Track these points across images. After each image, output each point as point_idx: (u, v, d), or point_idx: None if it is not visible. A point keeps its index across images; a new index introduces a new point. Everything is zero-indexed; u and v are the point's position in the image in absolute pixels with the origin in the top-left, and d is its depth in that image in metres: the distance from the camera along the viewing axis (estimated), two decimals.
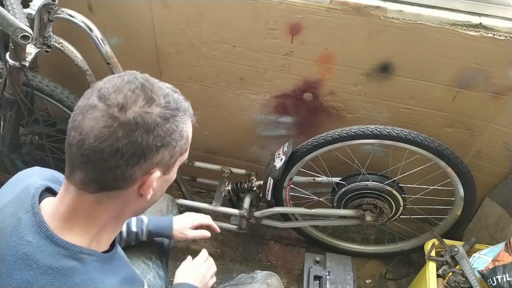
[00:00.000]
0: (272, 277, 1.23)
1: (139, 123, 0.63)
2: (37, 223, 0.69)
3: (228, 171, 1.75)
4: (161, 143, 0.66)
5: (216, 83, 1.57)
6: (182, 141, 0.70)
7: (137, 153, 0.64)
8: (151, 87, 0.67)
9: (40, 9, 1.18)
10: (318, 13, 1.28)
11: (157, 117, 0.65)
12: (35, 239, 0.67)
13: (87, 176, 0.65)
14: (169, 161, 0.70)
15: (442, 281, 1.38)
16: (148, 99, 0.65)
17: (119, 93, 0.64)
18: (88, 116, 0.63)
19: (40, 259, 0.66)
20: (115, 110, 0.63)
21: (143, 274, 1.13)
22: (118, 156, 0.63)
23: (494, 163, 1.54)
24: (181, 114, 0.69)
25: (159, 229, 1.17)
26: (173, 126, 0.67)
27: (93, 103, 0.64)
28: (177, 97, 0.71)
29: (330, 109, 1.55)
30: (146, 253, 1.17)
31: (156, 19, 1.42)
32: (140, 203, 0.73)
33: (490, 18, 1.23)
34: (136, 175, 0.66)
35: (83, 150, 0.63)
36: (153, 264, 1.16)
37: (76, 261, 0.67)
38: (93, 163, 0.64)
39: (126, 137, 0.63)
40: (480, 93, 1.36)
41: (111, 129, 0.62)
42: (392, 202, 1.53)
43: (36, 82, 1.38)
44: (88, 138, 0.63)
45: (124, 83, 0.66)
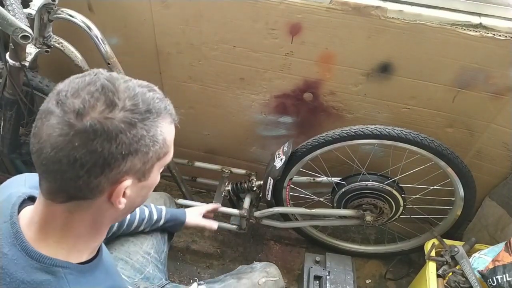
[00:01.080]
0: (271, 267, 1.26)
1: (97, 130, 0.57)
2: (14, 234, 0.65)
3: (228, 171, 1.75)
4: (127, 151, 0.60)
5: (216, 83, 1.57)
6: (157, 145, 0.64)
7: (99, 163, 0.59)
8: (114, 88, 0.60)
9: (40, 9, 1.18)
10: (318, 13, 1.28)
11: (120, 122, 0.59)
12: (10, 251, 0.64)
13: (50, 186, 0.62)
14: (143, 167, 0.64)
15: (442, 281, 1.38)
16: (109, 103, 0.59)
17: (77, 97, 0.59)
18: (46, 122, 0.59)
19: (14, 272, 0.63)
20: (71, 116, 0.57)
21: (142, 267, 1.14)
22: (77, 167, 0.58)
23: (494, 163, 1.54)
24: (153, 116, 0.62)
25: (174, 217, 1.28)
26: (141, 131, 0.61)
27: (51, 109, 0.59)
28: (151, 96, 0.63)
29: (330, 109, 1.55)
30: (145, 247, 1.18)
31: (156, 19, 1.42)
32: (115, 211, 0.68)
33: (490, 18, 1.23)
34: (102, 185, 0.61)
35: (42, 159, 0.59)
36: (151, 258, 1.18)
37: (49, 275, 0.64)
38: (53, 173, 0.60)
39: (84, 146, 0.57)
40: (480, 93, 1.36)
41: (66, 138, 0.57)
42: (392, 202, 1.53)
43: (36, 82, 1.38)
44: (45, 147, 0.58)
45: (84, 85, 0.60)
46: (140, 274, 1.13)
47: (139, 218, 1.17)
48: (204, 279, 1.77)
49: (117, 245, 1.17)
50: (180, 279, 1.77)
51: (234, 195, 1.70)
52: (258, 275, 1.22)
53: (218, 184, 1.73)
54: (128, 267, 1.13)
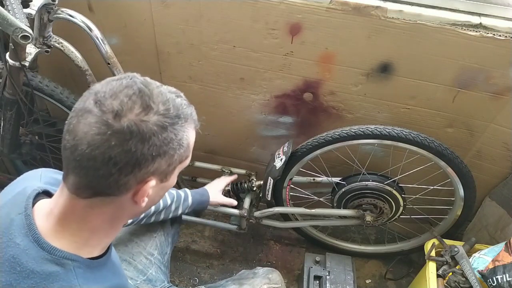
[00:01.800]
0: (273, 272, 1.25)
1: (133, 131, 0.60)
2: (27, 225, 0.68)
3: (228, 171, 1.75)
4: (157, 153, 0.63)
5: (216, 83, 1.57)
6: (182, 149, 0.67)
7: (131, 162, 0.62)
8: (149, 93, 0.63)
9: (40, 9, 1.18)
10: (318, 13, 1.28)
11: (153, 125, 0.62)
12: (23, 242, 0.67)
13: (80, 181, 0.64)
14: (167, 169, 0.67)
15: (442, 281, 1.38)
16: (145, 106, 0.62)
17: (115, 99, 0.61)
18: (82, 120, 0.61)
19: (25, 262, 0.66)
20: (110, 117, 0.60)
21: (145, 269, 1.14)
22: (110, 165, 0.61)
23: (494, 163, 1.54)
24: (182, 121, 0.66)
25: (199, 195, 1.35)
26: (171, 135, 0.64)
27: (89, 107, 0.61)
28: (179, 102, 0.67)
29: (330, 109, 1.55)
30: (148, 248, 1.18)
31: (156, 19, 1.42)
32: (135, 209, 0.71)
33: (490, 18, 1.23)
34: (130, 183, 0.64)
35: (75, 156, 0.61)
36: (155, 260, 1.18)
37: (58, 266, 0.66)
38: (86, 169, 0.62)
39: (120, 146, 0.60)
40: (480, 93, 1.36)
41: (104, 137, 0.60)
42: (392, 202, 1.53)
43: (36, 82, 1.38)
44: (81, 144, 0.61)
45: (121, 87, 0.63)
46: (143, 276, 1.13)
47: (170, 197, 1.23)
48: (204, 279, 1.77)
49: (120, 246, 1.17)
50: (180, 279, 1.77)
51: (234, 195, 1.70)
52: (260, 281, 1.20)
53: None
54: (131, 268, 1.13)
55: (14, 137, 1.44)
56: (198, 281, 1.76)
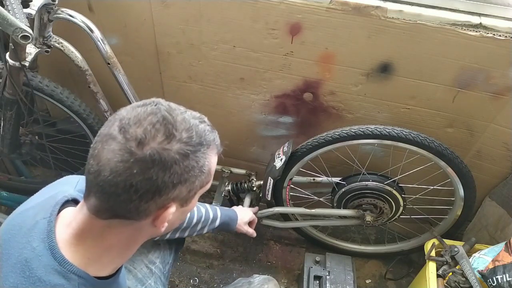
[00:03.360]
0: (269, 282, 1.22)
1: (155, 160, 0.61)
2: (47, 231, 0.69)
3: (228, 171, 1.75)
4: (178, 180, 0.64)
5: (216, 83, 1.57)
6: (203, 176, 0.68)
7: (152, 189, 0.63)
8: (173, 120, 0.64)
9: (40, 9, 1.18)
10: (318, 13, 1.28)
11: (176, 154, 0.63)
12: (39, 247, 0.68)
13: (101, 204, 0.65)
14: (187, 195, 0.68)
15: (442, 281, 1.38)
16: (168, 135, 0.63)
17: (139, 126, 0.62)
18: (106, 147, 0.62)
19: (35, 268, 0.66)
20: (133, 144, 0.61)
21: (145, 278, 1.13)
22: (132, 192, 0.62)
23: (494, 163, 1.54)
24: (204, 148, 0.66)
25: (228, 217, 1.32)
26: (192, 162, 0.65)
27: (113, 134, 0.62)
28: (203, 129, 0.67)
29: (330, 109, 1.55)
30: (150, 257, 1.16)
31: (156, 19, 1.42)
32: (154, 231, 0.72)
33: (490, 18, 1.23)
34: (150, 209, 0.65)
35: (98, 181, 0.62)
36: (155, 269, 1.16)
37: (64, 280, 0.67)
38: (107, 195, 0.63)
39: (141, 173, 0.61)
40: (480, 93, 1.36)
41: (126, 165, 0.61)
42: (392, 202, 1.53)
43: (36, 82, 1.38)
44: (104, 170, 0.61)
45: (146, 114, 0.63)
46: (141, 285, 1.12)
47: (198, 217, 1.20)
48: (204, 279, 1.78)
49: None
50: (180, 279, 1.77)
51: (234, 195, 1.70)
52: None
53: (218, 184, 1.73)
54: (130, 276, 1.12)
55: (14, 137, 1.44)
56: (198, 281, 1.76)
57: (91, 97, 1.42)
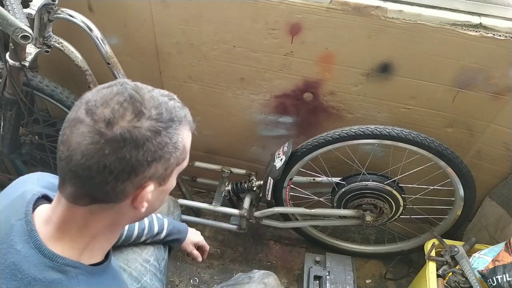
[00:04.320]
0: (269, 277, 1.22)
1: (127, 139, 0.60)
2: (28, 231, 0.67)
3: (228, 171, 1.75)
4: (152, 158, 0.63)
5: (216, 83, 1.57)
6: (178, 152, 0.67)
7: (127, 169, 0.62)
8: (141, 98, 0.63)
9: (40, 9, 1.18)
10: (318, 13, 1.28)
11: (147, 131, 0.62)
12: (24, 248, 0.66)
13: (77, 190, 0.64)
14: (164, 173, 0.67)
15: (442, 281, 1.38)
16: (137, 112, 0.62)
17: (106, 107, 0.61)
18: (75, 131, 0.61)
19: (26, 269, 0.65)
20: (102, 125, 0.60)
21: (140, 276, 1.13)
22: (106, 173, 0.61)
23: (494, 163, 1.54)
24: (176, 124, 0.66)
25: (176, 230, 1.21)
26: (165, 139, 0.64)
27: (81, 117, 0.61)
28: (172, 105, 0.67)
29: (330, 109, 1.55)
30: (144, 255, 1.17)
31: (156, 19, 1.42)
32: (135, 214, 0.71)
33: (490, 18, 1.23)
34: (127, 190, 0.64)
35: (71, 166, 0.61)
36: (150, 267, 1.16)
37: (61, 274, 0.66)
38: (82, 179, 0.62)
39: (114, 154, 0.60)
40: (480, 93, 1.36)
41: (97, 146, 0.60)
42: (392, 202, 1.53)
43: (36, 82, 1.38)
44: (76, 154, 0.60)
45: (112, 95, 0.62)
46: (137, 283, 1.11)
47: (139, 228, 1.14)
48: (204, 279, 1.78)
49: (116, 252, 1.15)
50: (180, 279, 1.77)
51: (234, 195, 1.70)
52: (255, 287, 1.17)
53: (218, 184, 1.73)
54: (125, 275, 1.11)
55: (14, 137, 1.44)
56: (198, 281, 1.76)
57: None
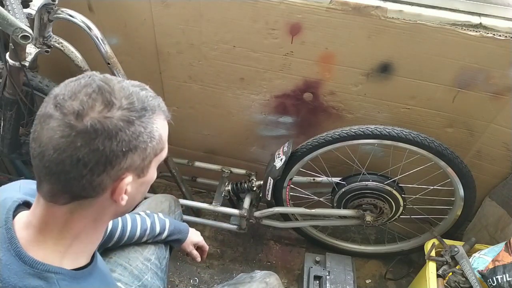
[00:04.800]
0: (271, 276, 1.22)
1: (98, 130, 0.59)
2: (8, 239, 0.66)
3: (228, 171, 1.75)
4: (127, 148, 0.62)
5: (216, 83, 1.57)
6: (154, 141, 0.66)
7: (101, 161, 0.60)
8: (110, 89, 0.62)
9: (40, 9, 1.18)
10: (318, 13, 1.28)
11: (118, 121, 0.61)
12: (4, 256, 0.65)
13: (53, 187, 0.63)
14: (142, 164, 0.66)
15: (442, 281, 1.38)
16: (107, 103, 0.61)
17: (74, 99, 0.60)
18: (45, 126, 0.60)
19: (7, 277, 0.63)
20: (71, 118, 0.59)
21: (141, 274, 1.13)
22: (80, 166, 0.60)
23: (494, 163, 1.54)
24: (149, 113, 0.65)
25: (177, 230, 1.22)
26: (139, 128, 0.63)
27: (49, 112, 0.60)
28: (144, 95, 0.65)
29: (330, 109, 1.55)
30: (146, 253, 1.17)
31: (156, 19, 1.42)
32: (116, 208, 0.70)
33: (490, 18, 1.23)
34: (105, 182, 0.63)
35: (44, 163, 0.60)
36: (151, 265, 1.16)
37: (41, 280, 0.64)
38: (56, 175, 0.61)
39: (86, 146, 0.59)
40: (480, 93, 1.36)
41: (68, 139, 0.59)
42: (392, 202, 1.53)
43: (36, 82, 1.38)
44: (48, 150, 0.60)
45: (80, 87, 0.61)
46: (138, 282, 1.11)
47: (141, 229, 1.15)
48: (204, 279, 1.78)
49: (118, 250, 1.15)
50: (180, 279, 1.77)
51: (234, 195, 1.70)
52: (257, 286, 1.17)
53: (218, 184, 1.73)
54: (126, 273, 1.12)
55: (14, 137, 1.44)
56: (198, 281, 1.76)
57: None
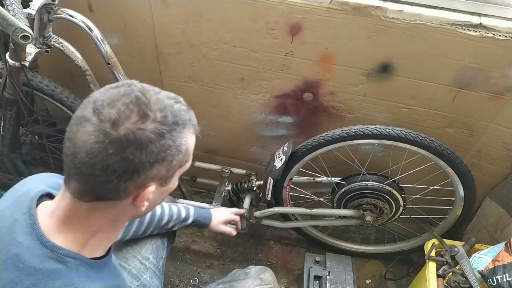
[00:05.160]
0: (265, 272, 1.23)
1: (130, 140, 0.62)
2: (30, 224, 0.69)
3: (228, 171, 1.75)
4: (155, 159, 0.65)
5: (216, 83, 1.57)
6: (180, 154, 0.69)
7: (129, 169, 0.63)
8: (147, 100, 0.64)
9: (40, 9, 1.18)
10: (318, 13, 1.28)
11: (150, 133, 0.63)
12: (26, 240, 0.68)
13: (81, 187, 0.66)
14: (166, 174, 0.69)
15: (442, 281, 1.38)
16: (142, 115, 0.63)
17: (112, 107, 0.63)
18: (81, 129, 0.63)
19: (28, 260, 0.67)
20: (107, 125, 0.62)
21: (140, 274, 1.13)
22: (109, 172, 0.62)
23: (494, 163, 1.54)
24: (180, 128, 0.67)
25: (201, 217, 1.31)
26: (168, 141, 0.66)
27: (87, 116, 0.63)
28: (178, 108, 0.68)
29: (330, 109, 1.55)
30: (143, 253, 1.17)
31: (156, 19, 1.42)
32: (136, 212, 0.73)
33: (490, 18, 1.23)
34: (129, 189, 0.66)
35: (75, 163, 0.63)
36: (149, 264, 1.17)
37: (61, 264, 0.67)
38: (85, 176, 0.64)
39: (117, 154, 0.62)
40: (480, 93, 1.36)
41: (102, 145, 0.61)
42: (392, 202, 1.53)
43: (36, 82, 1.38)
44: (80, 152, 0.62)
45: (119, 95, 0.64)
46: (136, 281, 1.12)
47: (169, 214, 1.20)
48: (204, 279, 1.78)
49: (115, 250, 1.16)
50: (180, 279, 1.77)
51: (234, 195, 1.70)
52: (252, 282, 1.19)
53: (218, 184, 1.73)
54: (125, 272, 1.12)
55: (14, 137, 1.44)
56: (198, 281, 1.76)
57: None
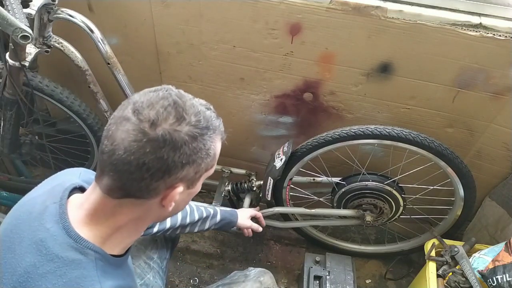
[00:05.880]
0: (265, 275, 1.24)
1: (167, 140, 0.65)
2: (59, 213, 0.72)
3: (228, 171, 1.75)
4: (186, 161, 0.68)
5: (216, 83, 1.57)
6: (209, 158, 0.72)
7: (162, 168, 0.66)
8: (183, 104, 0.68)
9: (40, 9, 1.18)
10: (318, 13, 1.28)
11: (185, 135, 0.67)
12: (53, 227, 0.71)
13: (114, 183, 0.68)
14: (194, 177, 0.72)
15: (442, 281, 1.38)
16: (179, 117, 0.67)
17: (152, 109, 0.66)
18: (121, 127, 0.66)
19: (51, 246, 0.69)
20: (146, 125, 0.65)
21: (143, 273, 1.14)
22: (144, 170, 0.66)
23: (494, 163, 1.54)
24: (210, 132, 0.71)
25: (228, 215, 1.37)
26: (200, 144, 0.69)
27: (127, 116, 0.66)
28: (209, 114, 0.72)
29: (330, 109, 1.55)
30: (148, 253, 1.18)
31: (156, 19, 1.42)
32: (161, 212, 0.76)
33: (490, 18, 1.24)
34: (159, 188, 0.69)
35: (112, 160, 0.66)
36: (153, 264, 1.17)
37: (82, 255, 0.70)
38: (120, 173, 0.66)
39: (153, 153, 0.65)
40: (480, 93, 1.36)
41: (140, 144, 0.65)
42: (392, 202, 1.53)
43: (36, 82, 1.38)
44: (119, 149, 0.65)
45: (158, 98, 0.68)
46: (140, 280, 1.13)
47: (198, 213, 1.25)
48: (204, 279, 1.78)
49: None
50: (180, 279, 1.77)
51: (234, 195, 1.70)
52: (251, 285, 1.19)
53: (218, 184, 1.73)
54: None
55: (14, 137, 1.44)
56: (198, 281, 1.76)
57: (91, 97, 1.43)
